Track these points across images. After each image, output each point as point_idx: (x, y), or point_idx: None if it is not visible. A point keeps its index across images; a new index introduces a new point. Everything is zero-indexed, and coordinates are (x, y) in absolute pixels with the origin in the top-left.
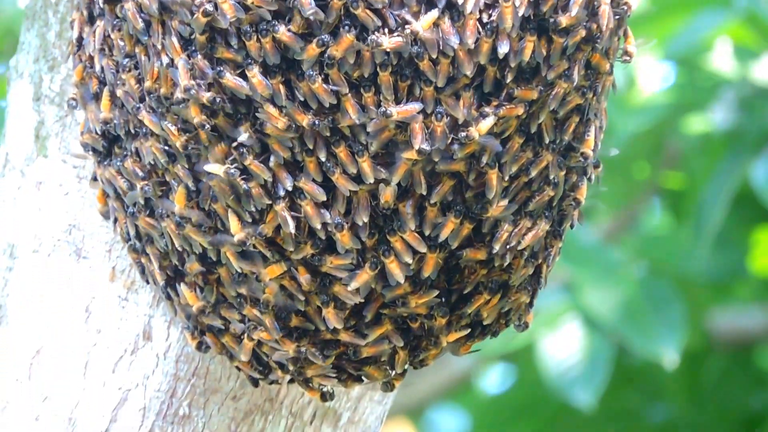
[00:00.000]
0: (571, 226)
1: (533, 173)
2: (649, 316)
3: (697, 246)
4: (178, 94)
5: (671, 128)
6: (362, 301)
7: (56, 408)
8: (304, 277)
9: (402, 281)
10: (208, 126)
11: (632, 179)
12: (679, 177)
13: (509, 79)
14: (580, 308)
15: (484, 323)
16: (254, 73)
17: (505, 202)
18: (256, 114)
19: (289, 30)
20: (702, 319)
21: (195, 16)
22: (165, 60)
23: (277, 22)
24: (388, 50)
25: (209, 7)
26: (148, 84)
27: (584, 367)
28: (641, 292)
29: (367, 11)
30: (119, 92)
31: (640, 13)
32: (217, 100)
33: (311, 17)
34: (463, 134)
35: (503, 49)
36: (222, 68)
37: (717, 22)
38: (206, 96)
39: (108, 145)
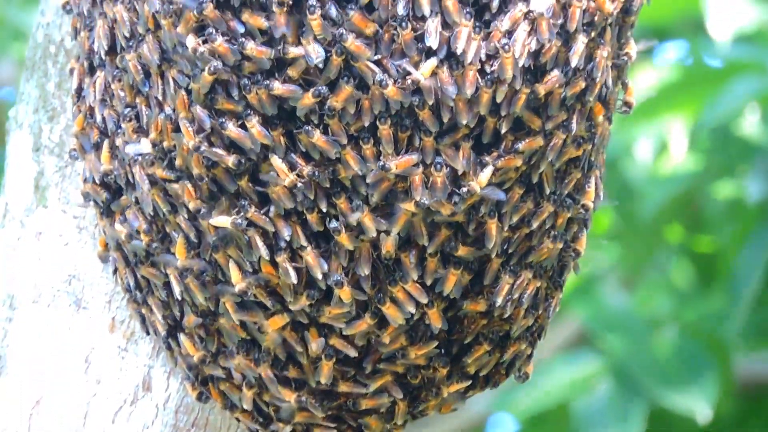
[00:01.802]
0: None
1: (534, 225)
2: (682, 376)
3: (731, 310)
4: (187, 146)
5: (702, 193)
6: (361, 353)
7: None
8: (315, 342)
9: (402, 322)
10: (206, 179)
11: (664, 242)
12: (709, 241)
13: (505, 129)
14: (613, 370)
15: (485, 374)
16: (253, 123)
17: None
18: (258, 168)
19: (284, 80)
20: (733, 374)
21: (202, 74)
22: (167, 111)
23: (270, 79)
24: (389, 97)
25: (216, 64)
26: (153, 136)
27: (618, 427)
28: (674, 352)
29: (368, 63)
30: (118, 142)
31: (672, 83)
32: (242, 161)
33: (320, 65)
34: (465, 189)
35: (501, 98)
36: (224, 119)
37: (751, 91)
38: (231, 160)
39: (110, 196)
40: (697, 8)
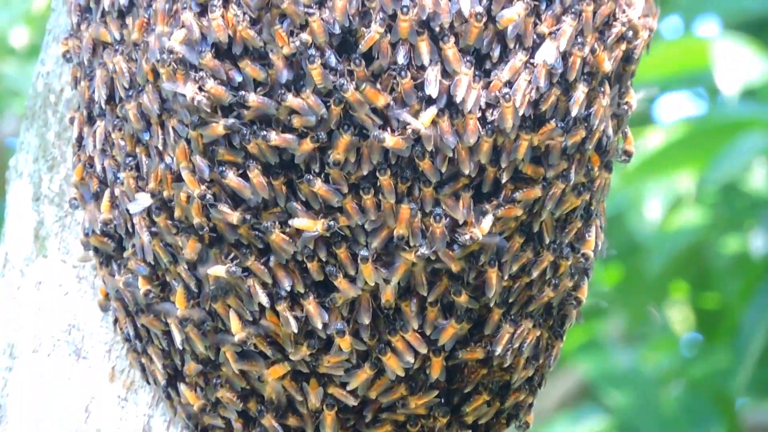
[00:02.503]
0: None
1: (534, 274)
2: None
3: (737, 365)
4: (187, 195)
5: (708, 248)
6: (361, 401)
7: None
8: (315, 393)
9: (402, 374)
10: (207, 228)
11: (669, 298)
12: (715, 297)
13: (505, 178)
14: (620, 427)
15: (485, 423)
16: (255, 173)
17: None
18: (258, 219)
19: (283, 130)
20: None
21: (211, 125)
22: (168, 160)
23: (267, 130)
24: (389, 148)
25: (233, 122)
26: (151, 186)
27: None
28: (679, 409)
29: (368, 113)
30: (117, 192)
31: (679, 139)
32: (247, 218)
33: (323, 116)
34: (467, 236)
35: (502, 147)
36: (224, 168)
37: (758, 147)
38: (236, 217)
39: (111, 246)
40: (705, 62)
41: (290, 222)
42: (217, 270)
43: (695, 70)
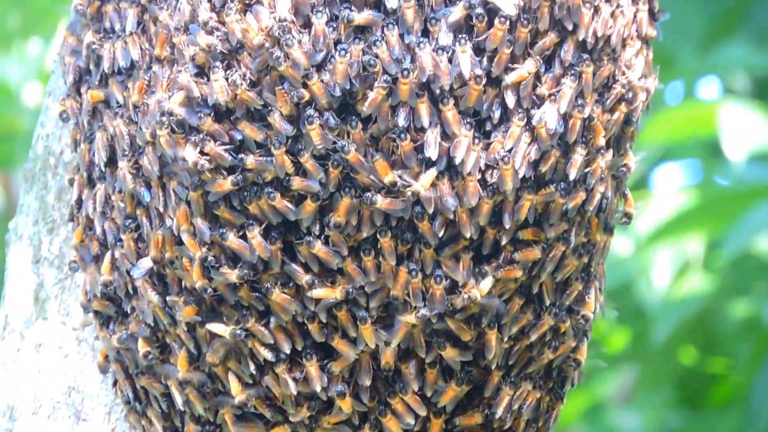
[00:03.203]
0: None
1: (533, 337)
2: None
3: (748, 429)
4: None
5: (716, 313)
6: None
7: None
8: None
9: None
10: (210, 290)
11: (678, 364)
12: (724, 361)
13: (505, 240)
14: None
15: None
16: (254, 234)
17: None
18: (258, 279)
19: (284, 196)
20: None
21: (216, 182)
22: (168, 223)
23: (272, 190)
24: (381, 210)
25: (239, 177)
26: (153, 253)
27: None
28: None
29: (368, 175)
30: (117, 254)
31: (688, 208)
32: (246, 273)
33: (322, 180)
34: (466, 296)
35: (507, 219)
36: (224, 230)
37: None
38: (237, 273)
39: (116, 308)
40: (711, 128)
41: (308, 293)
42: (219, 329)
43: (700, 136)
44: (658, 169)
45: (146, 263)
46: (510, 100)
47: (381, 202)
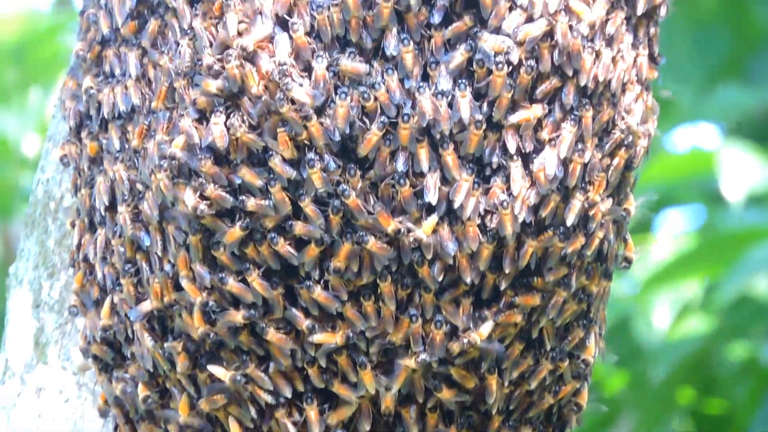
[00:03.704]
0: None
1: (533, 384)
2: None
3: None
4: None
5: (714, 355)
6: None
7: None
8: None
9: None
10: (211, 335)
11: (675, 404)
12: (721, 403)
13: (504, 285)
14: None
15: None
16: (254, 277)
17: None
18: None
19: (287, 241)
20: None
21: (230, 230)
22: (167, 268)
23: (275, 234)
24: (370, 252)
25: (247, 222)
26: (154, 304)
27: None
28: None
29: (368, 219)
30: (116, 298)
31: (689, 251)
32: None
33: (321, 226)
34: (465, 340)
35: (507, 264)
36: (223, 274)
37: (765, 258)
38: (241, 314)
39: (111, 353)
40: (710, 172)
41: (309, 338)
42: (219, 372)
43: (700, 179)
44: (661, 213)
45: (144, 307)
46: (511, 145)
47: (372, 243)
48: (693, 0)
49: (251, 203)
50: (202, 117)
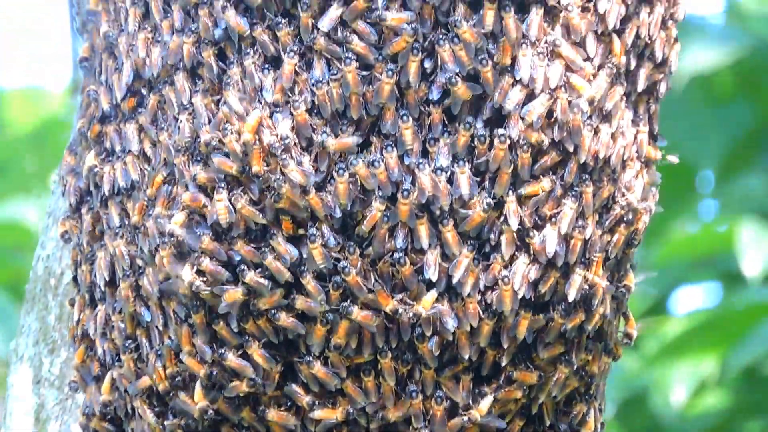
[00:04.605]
0: None
1: None
2: None
3: None
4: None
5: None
6: None
7: None
8: None
9: None
10: (211, 412)
11: None
12: None
13: (505, 362)
14: None
15: None
16: (254, 348)
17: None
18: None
19: (290, 316)
20: None
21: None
22: (167, 341)
23: (277, 310)
24: (356, 322)
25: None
26: (162, 387)
27: None
28: None
29: (368, 296)
30: (116, 374)
31: (701, 323)
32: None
33: (322, 301)
34: (465, 418)
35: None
36: (224, 350)
37: None
38: (246, 382)
39: (115, 429)
40: (725, 249)
41: (310, 415)
42: None
43: (717, 258)
44: (676, 292)
45: (144, 382)
46: (513, 222)
47: (356, 313)
48: (707, 79)
49: (250, 276)
50: (204, 192)
